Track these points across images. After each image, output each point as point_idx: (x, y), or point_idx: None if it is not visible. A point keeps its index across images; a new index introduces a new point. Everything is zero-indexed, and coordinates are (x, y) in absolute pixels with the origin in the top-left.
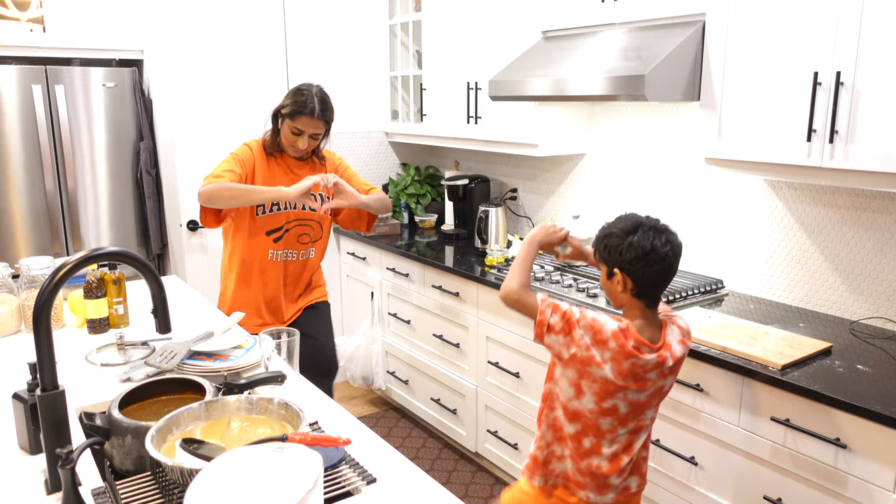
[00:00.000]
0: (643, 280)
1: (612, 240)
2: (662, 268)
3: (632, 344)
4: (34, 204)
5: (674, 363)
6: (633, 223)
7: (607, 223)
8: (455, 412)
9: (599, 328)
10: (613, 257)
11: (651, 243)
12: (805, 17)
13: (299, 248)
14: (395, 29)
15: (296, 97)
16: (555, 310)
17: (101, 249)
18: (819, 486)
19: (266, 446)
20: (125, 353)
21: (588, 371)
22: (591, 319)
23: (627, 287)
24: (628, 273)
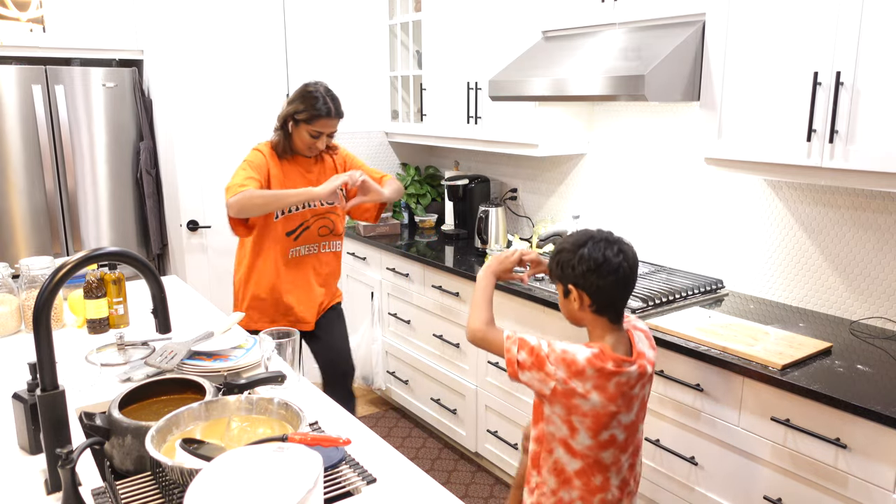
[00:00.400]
0: (599, 294)
1: (564, 255)
2: (617, 279)
3: (611, 365)
4: (34, 204)
5: (651, 370)
6: (583, 236)
7: (559, 243)
8: (455, 412)
9: (572, 359)
10: (566, 273)
11: (602, 254)
12: (805, 17)
13: (319, 240)
14: (395, 29)
15: (308, 101)
16: (521, 345)
17: (101, 249)
18: (819, 486)
19: (266, 446)
20: (125, 353)
21: (574, 404)
22: (560, 352)
23: (585, 304)
24: (583, 288)
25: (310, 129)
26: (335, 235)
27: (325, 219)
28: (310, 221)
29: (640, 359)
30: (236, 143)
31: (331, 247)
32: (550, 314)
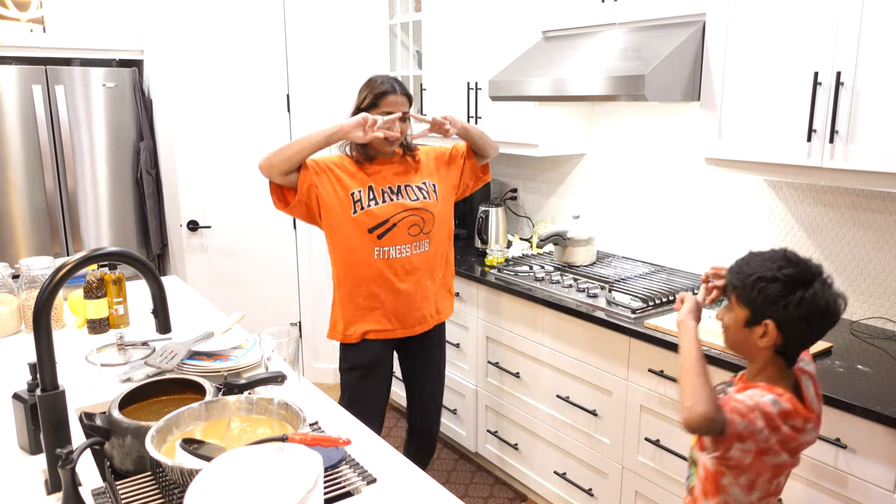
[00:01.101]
0: (803, 340)
1: (773, 287)
2: (828, 329)
3: (799, 424)
4: (34, 204)
5: (819, 418)
6: (803, 271)
7: (755, 258)
8: (455, 412)
9: (771, 412)
10: (769, 307)
11: (827, 300)
12: (805, 17)
13: (410, 240)
14: (395, 29)
15: (369, 86)
16: (739, 413)
17: (101, 249)
18: (819, 486)
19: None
20: (125, 353)
21: (764, 464)
22: (763, 405)
23: (773, 341)
24: (783, 329)
25: (378, 112)
26: (425, 234)
27: (415, 216)
28: (396, 218)
29: (814, 415)
30: (237, 143)
31: (421, 247)
32: (551, 314)
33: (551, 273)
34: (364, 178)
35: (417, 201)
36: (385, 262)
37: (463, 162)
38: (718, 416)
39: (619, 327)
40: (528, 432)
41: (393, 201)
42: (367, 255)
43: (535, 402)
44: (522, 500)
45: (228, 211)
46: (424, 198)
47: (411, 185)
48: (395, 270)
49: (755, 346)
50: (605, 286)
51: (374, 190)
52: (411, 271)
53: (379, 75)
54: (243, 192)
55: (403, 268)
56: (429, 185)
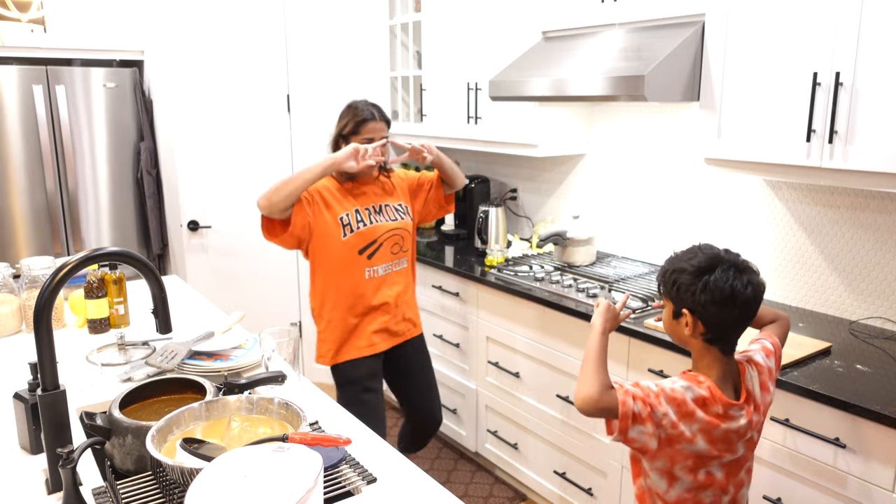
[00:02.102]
0: (717, 326)
1: (683, 278)
2: (741, 313)
3: (720, 410)
4: (35, 204)
5: (764, 412)
6: (709, 259)
7: (676, 254)
8: (455, 412)
9: (682, 399)
10: (683, 297)
11: (731, 285)
12: (804, 17)
13: (391, 258)
14: (395, 29)
15: (352, 113)
16: (635, 397)
17: (101, 249)
18: (819, 485)
19: (266, 446)
20: (126, 353)
21: (679, 450)
22: (670, 391)
23: (698, 331)
24: (700, 317)
25: (359, 139)
26: (403, 252)
27: (396, 235)
28: (382, 238)
29: (749, 405)
30: (237, 144)
31: (400, 264)
32: (550, 314)
33: (551, 273)
34: (351, 201)
35: (396, 221)
36: (374, 282)
37: (429, 189)
38: (605, 398)
39: (619, 327)
40: (528, 432)
41: (377, 222)
42: (360, 275)
43: (535, 402)
44: (522, 499)
45: (228, 211)
46: (402, 218)
47: (390, 204)
48: (382, 288)
49: (685, 338)
50: (605, 286)
51: (360, 212)
52: (393, 287)
53: (359, 101)
54: (243, 192)
55: (387, 284)
56: (403, 207)
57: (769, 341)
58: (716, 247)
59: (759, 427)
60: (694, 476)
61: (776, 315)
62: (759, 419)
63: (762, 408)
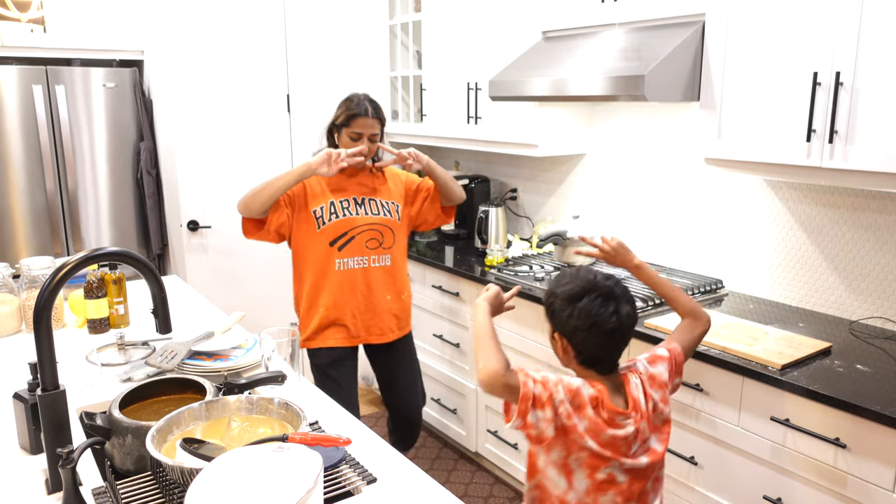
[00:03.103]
0: (587, 351)
1: (557, 303)
2: (607, 341)
3: (605, 416)
4: (35, 204)
5: (650, 418)
6: (580, 287)
7: (557, 277)
8: (455, 412)
9: (577, 390)
10: (556, 320)
11: (596, 313)
12: (805, 17)
13: (368, 253)
14: (395, 29)
15: (346, 105)
16: (535, 380)
17: (101, 249)
18: (819, 485)
19: (266, 446)
20: (125, 352)
21: (573, 441)
22: (567, 381)
23: (570, 354)
24: (570, 341)
25: (349, 131)
26: (384, 249)
27: (373, 230)
28: (354, 231)
29: (635, 412)
30: (237, 144)
31: (381, 261)
32: None
33: (551, 273)
34: (330, 193)
35: (378, 216)
36: (344, 274)
37: (425, 199)
38: (509, 375)
39: None
40: None
41: (353, 215)
42: (330, 267)
43: None
44: (522, 499)
45: (228, 211)
46: (386, 214)
47: (375, 199)
48: (355, 282)
49: (562, 357)
50: None
51: (335, 204)
52: (370, 283)
53: (357, 95)
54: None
55: (363, 279)
56: (392, 205)
57: (664, 349)
58: (596, 272)
59: (654, 434)
60: (593, 476)
61: (694, 311)
62: (650, 427)
63: (647, 414)
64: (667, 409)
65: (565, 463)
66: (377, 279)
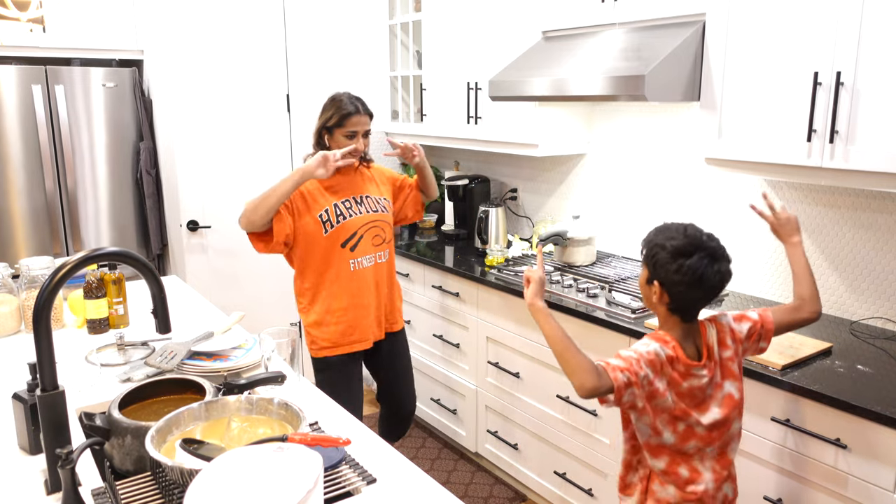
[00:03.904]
0: (683, 301)
1: (662, 254)
2: (706, 294)
3: (682, 369)
4: (34, 204)
5: (725, 368)
6: (689, 244)
7: (660, 230)
8: (455, 412)
9: (653, 359)
10: (658, 271)
11: (703, 271)
12: (805, 17)
13: (375, 251)
14: (395, 29)
15: (335, 106)
16: (621, 369)
17: (101, 249)
18: (819, 486)
19: (266, 446)
20: (125, 353)
21: (658, 406)
22: (646, 353)
23: (664, 301)
24: (668, 291)
25: (343, 131)
26: (385, 244)
27: (376, 227)
28: (362, 230)
29: (709, 362)
30: (236, 143)
31: (384, 256)
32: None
33: (551, 273)
34: (329, 196)
35: (377, 213)
36: (358, 273)
37: (409, 192)
38: (601, 383)
39: (619, 327)
40: (528, 432)
41: (358, 214)
42: (345, 269)
43: (535, 402)
44: (522, 500)
45: (228, 211)
46: (382, 210)
47: (371, 196)
48: (367, 280)
49: (652, 302)
50: (604, 286)
51: (339, 206)
52: (377, 279)
53: (343, 94)
54: (243, 192)
55: (373, 276)
56: (384, 201)
57: (755, 313)
58: (700, 230)
59: (727, 380)
60: (675, 429)
61: (812, 298)
62: (726, 370)
63: (718, 362)
64: (734, 365)
65: (654, 425)
66: (383, 274)
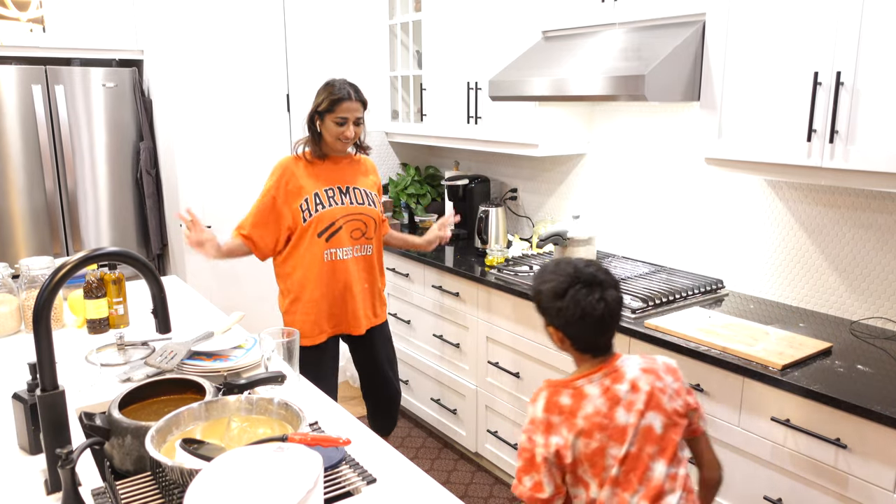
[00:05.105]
0: (581, 339)
1: (544, 300)
2: (599, 326)
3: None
4: (34, 204)
5: (648, 396)
6: (562, 283)
7: (538, 274)
8: (455, 412)
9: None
10: (546, 316)
11: (582, 307)
12: (805, 17)
13: (353, 244)
14: (395, 29)
15: (327, 90)
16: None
17: (101, 249)
18: (819, 486)
19: (266, 446)
20: (125, 353)
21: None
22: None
23: (566, 344)
24: (563, 332)
25: (333, 117)
26: (366, 239)
27: (357, 220)
28: (340, 221)
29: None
30: (236, 143)
31: (363, 250)
32: None
33: None
34: (314, 182)
35: (362, 205)
36: (332, 265)
37: None
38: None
39: (619, 327)
40: None
41: (339, 204)
42: (317, 259)
43: None
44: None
45: (228, 211)
46: (369, 204)
47: (359, 187)
48: (340, 272)
49: (560, 347)
50: None
51: (319, 195)
52: (353, 273)
53: (337, 80)
54: (243, 192)
55: (347, 269)
56: (374, 196)
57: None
58: (575, 262)
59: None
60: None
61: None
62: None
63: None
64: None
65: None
66: (358, 269)
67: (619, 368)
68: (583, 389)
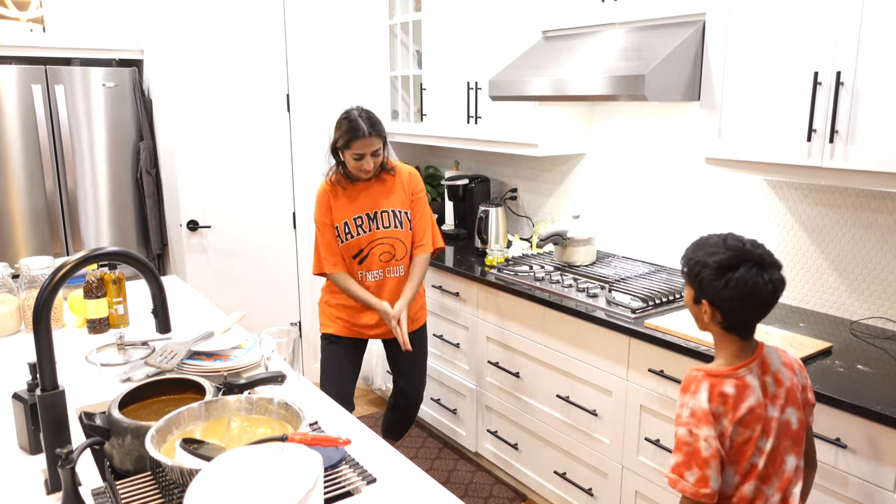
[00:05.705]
0: (736, 317)
1: (706, 272)
2: (761, 307)
3: (730, 387)
4: (34, 204)
5: (788, 391)
6: (733, 256)
7: (699, 245)
8: (455, 412)
9: (702, 411)
10: (705, 290)
11: (753, 283)
12: (805, 17)
13: (382, 266)
14: (395, 29)
15: (343, 126)
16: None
17: (101, 249)
18: (819, 485)
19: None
20: (125, 353)
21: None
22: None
23: (716, 320)
24: (719, 308)
25: (350, 153)
26: (397, 261)
27: (384, 244)
28: (366, 249)
29: (763, 360)
30: (236, 143)
31: (395, 272)
32: (551, 314)
33: (551, 273)
34: (347, 208)
35: (389, 228)
36: (367, 284)
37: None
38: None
39: (619, 327)
40: (528, 432)
41: (366, 232)
42: (354, 273)
43: (535, 402)
44: (522, 499)
45: (228, 211)
46: (397, 226)
47: (387, 210)
48: (375, 291)
49: (704, 322)
50: (605, 286)
51: (348, 224)
52: (387, 292)
53: (352, 113)
54: (243, 192)
55: (379, 288)
56: (401, 214)
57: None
58: (742, 239)
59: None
60: (739, 469)
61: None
62: (790, 396)
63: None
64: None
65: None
66: (390, 289)
67: (766, 359)
68: (745, 380)
